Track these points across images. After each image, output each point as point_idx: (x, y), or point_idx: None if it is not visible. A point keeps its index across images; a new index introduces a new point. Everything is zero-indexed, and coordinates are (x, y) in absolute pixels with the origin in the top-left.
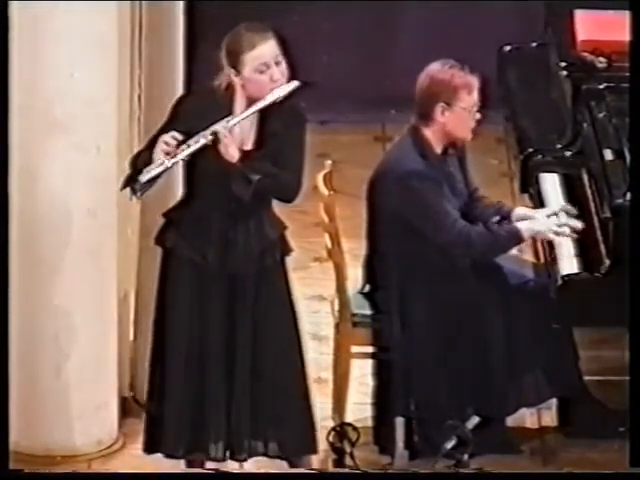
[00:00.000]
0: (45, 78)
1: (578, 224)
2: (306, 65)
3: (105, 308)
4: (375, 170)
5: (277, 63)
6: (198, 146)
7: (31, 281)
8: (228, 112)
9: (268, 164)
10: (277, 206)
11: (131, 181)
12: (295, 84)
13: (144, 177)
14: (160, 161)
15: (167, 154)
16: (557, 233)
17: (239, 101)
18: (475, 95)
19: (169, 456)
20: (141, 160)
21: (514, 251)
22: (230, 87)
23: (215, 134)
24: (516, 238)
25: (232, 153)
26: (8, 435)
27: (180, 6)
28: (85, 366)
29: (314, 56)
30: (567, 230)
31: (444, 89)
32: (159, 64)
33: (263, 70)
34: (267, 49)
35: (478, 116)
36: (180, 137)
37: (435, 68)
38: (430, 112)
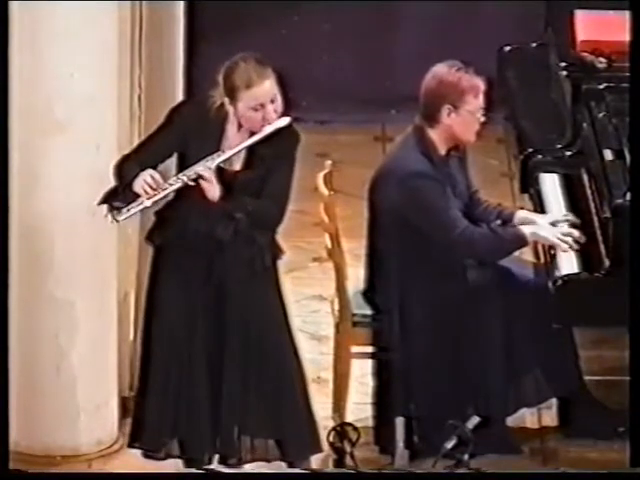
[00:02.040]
0: (45, 78)
1: (581, 236)
2: (306, 65)
3: (105, 308)
4: (377, 169)
5: (272, 101)
6: (178, 186)
7: (31, 281)
8: (220, 129)
9: (250, 198)
10: None
11: (112, 196)
12: (286, 121)
13: (122, 216)
14: (140, 200)
15: (146, 192)
16: (561, 240)
17: (230, 122)
18: (481, 98)
19: (148, 456)
20: (126, 171)
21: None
22: (223, 107)
23: (198, 175)
24: (520, 241)
25: (214, 193)
26: (8, 435)
27: (180, 6)
28: (85, 366)
29: (314, 56)
30: (570, 240)
31: (451, 91)
32: (159, 64)
33: (257, 109)
34: (264, 90)
35: (483, 119)
36: (159, 178)
37: (442, 70)
38: (436, 114)
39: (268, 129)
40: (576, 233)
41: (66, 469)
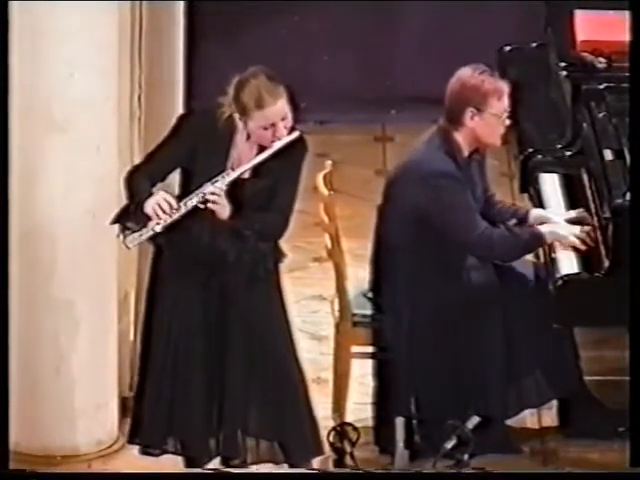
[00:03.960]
0: (45, 78)
1: (597, 234)
2: (306, 65)
3: (105, 308)
4: (398, 166)
5: (283, 119)
6: (190, 208)
7: (31, 281)
8: (229, 139)
9: (258, 214)
10: None
11: (124, 216)
12: (296, 135)
13: (133, 242)
14: (151, 226)
15: (157, 216)
16: (579, 239)
17: (239, 132)
18: (505, 101)
19: (146, 452)
20: (136, 186)
21: None
22: (232, 118)
23: (207, 195)
24: (538, 241)
25: (224, 213)
26: (8, 435)
27: (180, 6)
28: (85, 366)
29: (314, 56)
30: (588, 239)
31: (474, 94)
32: (159, 64)
33: (268, 127)
34: (275, 110)
35: (508, 122)
36: (173, 202)
37: (466, 73)
38: (459, 116)
39: (278, 144)
40: (592, 232)
41: (66, 469)
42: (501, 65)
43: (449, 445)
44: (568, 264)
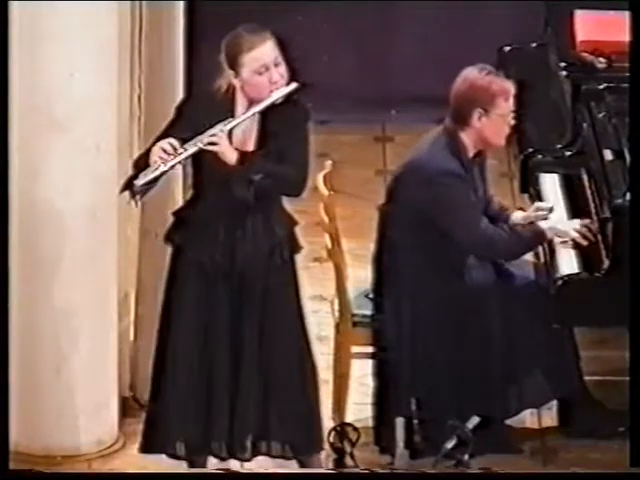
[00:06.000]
0: (45, 78)
1: (597, 228)
2: (306, 65)
3: (105, 308)
4: (403, 166)
5: (276, 65)
6: (194, 151)
7: (31, 281)
8: (229, 115)
9: (269, 163)
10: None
11: (130, 184)
12: (294, 85)
13: (140, 181)
14: (156, 165)
15: (162, 159)
16: (579, 233)
17: (240, 103)
18: (511, 101)
19: (170, 455)
20: (141, 163)
21: None
22: (230, 89)
23: (209, 137)
24: (539, 238)
25: (230, 156)
26: (8, 435)
27: (180, 6)
28: (85, 366)
29: (314, 56)
30: (588, 232)
31: (482, 95)
32: (159, 64)
33: (262, 72)
34: (265, 50)
35: (512, 122)
36: (176, 143)
37: (473, 74)
38: (467, 117)
39: (276, 94)
40: (593, 225)
41: (66, 469)
42: (501, 65)
43: (449, 445)
44: (568, 264)
